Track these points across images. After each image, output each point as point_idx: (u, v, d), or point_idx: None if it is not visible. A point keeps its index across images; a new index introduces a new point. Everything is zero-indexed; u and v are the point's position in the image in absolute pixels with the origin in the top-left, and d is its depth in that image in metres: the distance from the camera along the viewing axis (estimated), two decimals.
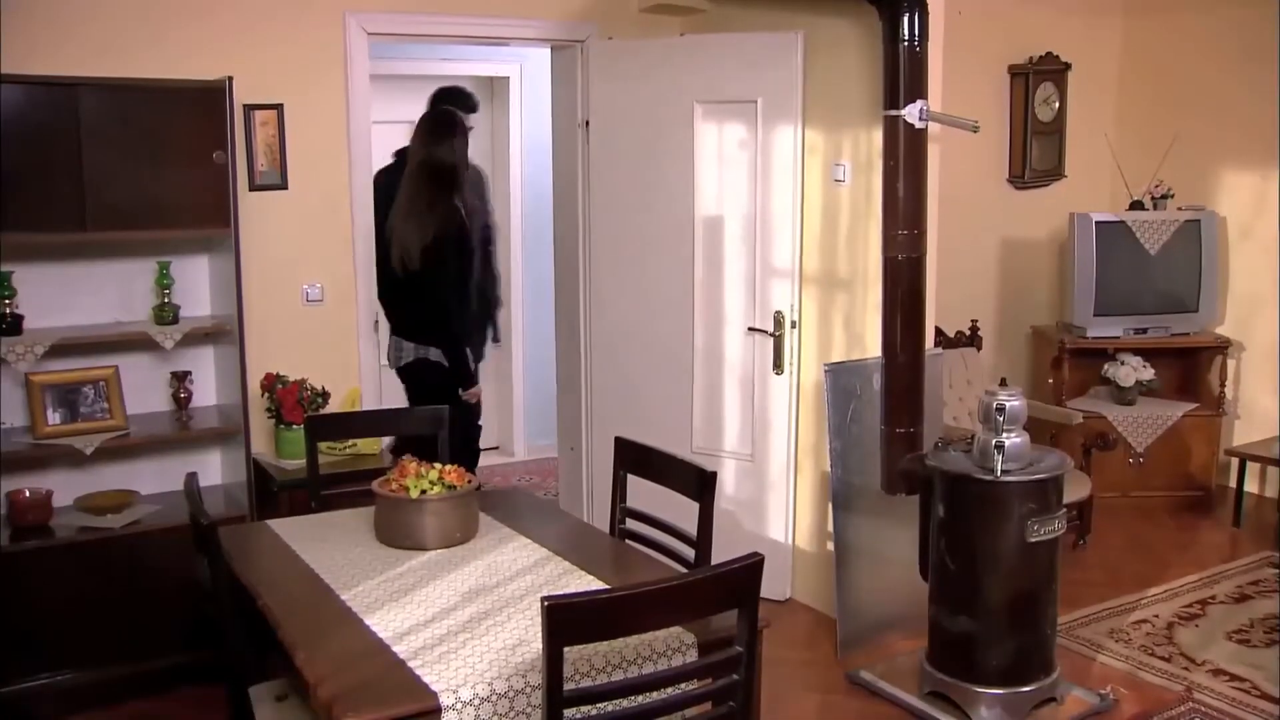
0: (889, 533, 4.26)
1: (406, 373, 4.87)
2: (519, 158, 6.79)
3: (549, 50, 5.18)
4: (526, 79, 6.67)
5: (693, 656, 2.47)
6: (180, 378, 4.26)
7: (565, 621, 2.08)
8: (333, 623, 2.59)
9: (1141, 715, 3.85)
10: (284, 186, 4.43)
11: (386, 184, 4.76)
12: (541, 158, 5.83)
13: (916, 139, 3.88)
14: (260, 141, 4.36)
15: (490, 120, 6.89)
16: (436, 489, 3.02)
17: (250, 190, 4.34)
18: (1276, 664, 4.14)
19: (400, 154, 4.90)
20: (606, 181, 4.85)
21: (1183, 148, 6.17)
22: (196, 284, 4.29)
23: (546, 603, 2.06)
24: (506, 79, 6.76)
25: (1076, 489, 5.12)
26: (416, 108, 6.63)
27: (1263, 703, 3.92)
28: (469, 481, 3.09)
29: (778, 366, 4.56)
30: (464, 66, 6.60)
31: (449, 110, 4.85)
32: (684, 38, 4.91)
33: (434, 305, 4.64)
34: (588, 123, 4.92)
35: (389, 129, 6.44)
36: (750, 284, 4.60)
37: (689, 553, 3.13)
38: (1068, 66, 6.30)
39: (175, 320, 4.10)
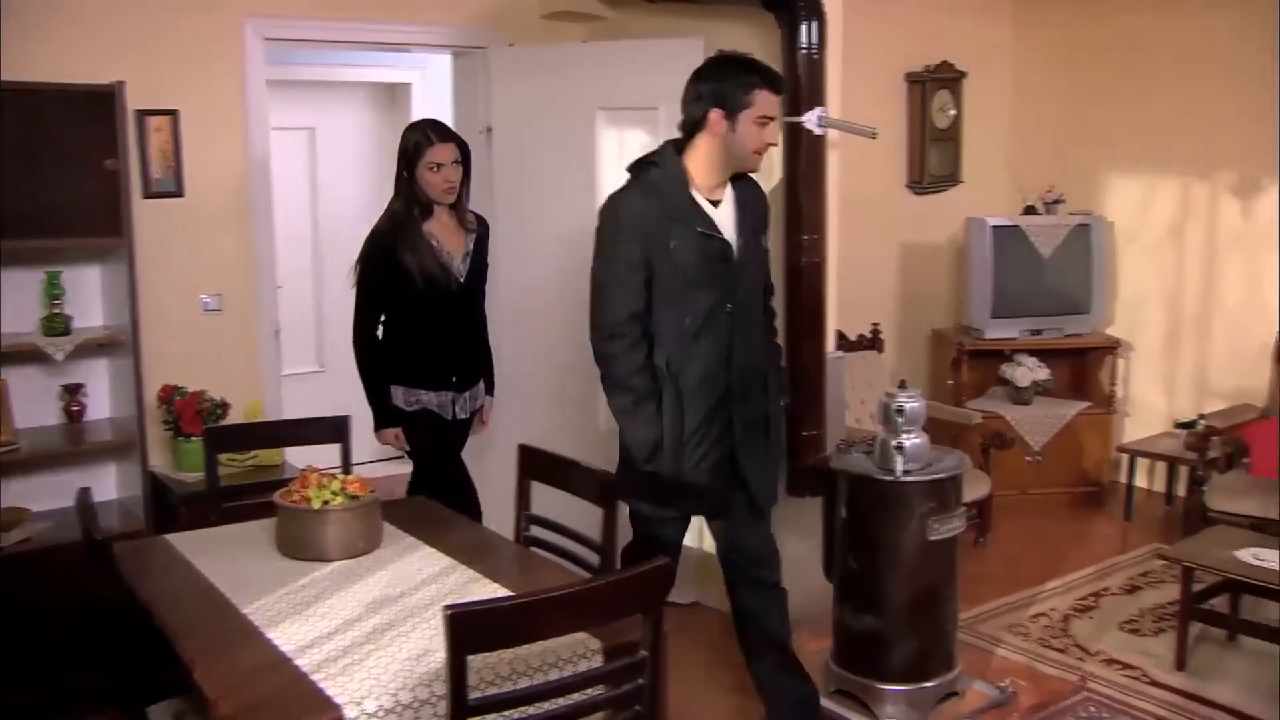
0: (794, 534, 4.30)
1: None
2: None
3: (450, 57, 5.16)
4: (428, 85, 6.63)
5: (598, 662, 2.47)
6: (72, 390, 4.15)
7: (468, 630, 2.08)
8: (233, 637, 2.55)
9: (1039, 706, 3.95)
10: (179, 194, 4.35)
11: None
12: None
13: (816, 145, 3.95)
14: (154, 148, 4.27)
15: (392, 127, 6.84)
16: (339, 499, 2.99)
17: (144, 198, 4.26)
18: (1164, 651, 4.28)
19: (635, 166, 3.39)
20: (509, 188, 4.84)
21: (1073, 154, 6.36)
22: (89, 294, 4.19)
23: (449, 611, 2.06)
24: (408, 85, 6.71)
25: (976, 487, 5.25)
26: (317, 114, 6.60)
27: (1152, 689, 4.05)
28: (371, 491, 3.07)
29: None
30: (365, 73, 6.56)
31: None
32: (586, 44, 4.93)
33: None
34: (490, 129, 4.91)
35: (290, 135, 6.38)
36: None
37: (595, 559, 3.14)
38: (963, 75, 6.45)
39: (67, 331, 4.00)
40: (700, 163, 3.24)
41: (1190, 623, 4.24)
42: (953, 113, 6.43)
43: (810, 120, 3.91)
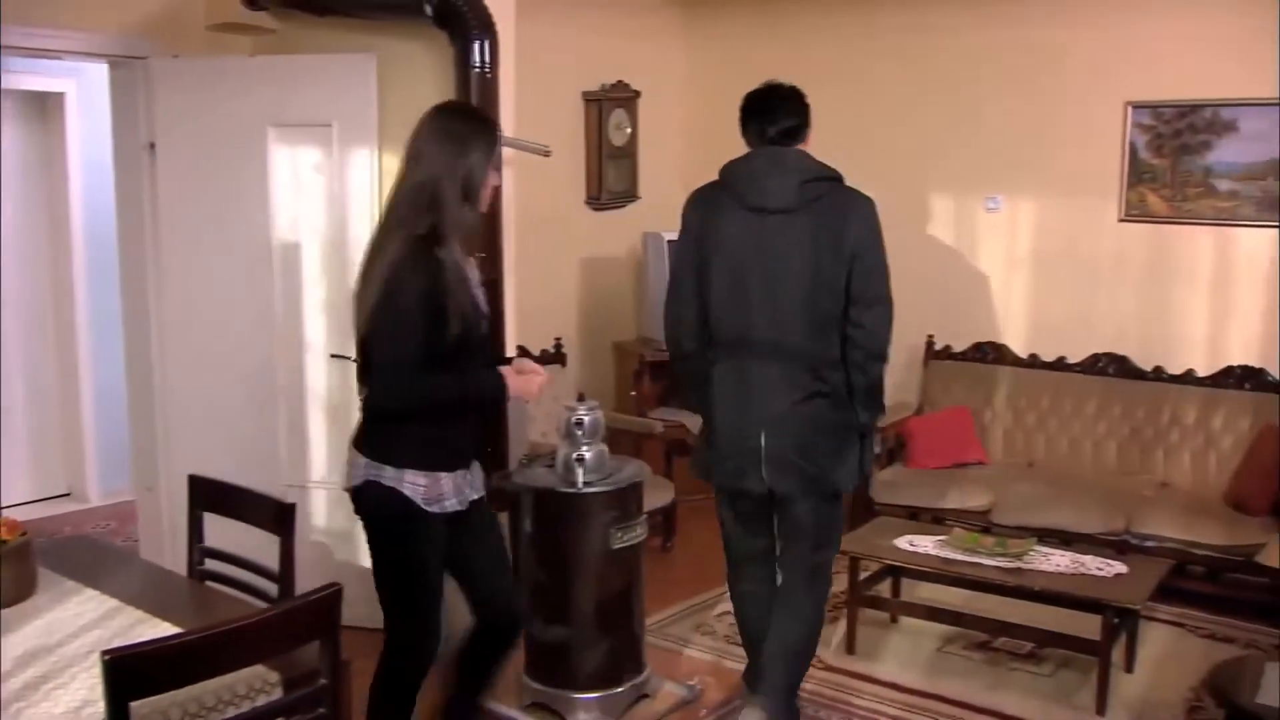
0: None
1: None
2: (80, 181, 6.35)
3: (107, 66, 4.88)
4: (86, 95, 6.24)
5: (279, 695, 2.41)
6: None
7: (129, 674, 1.99)
8: None
9: (725, 700, 4.14)
10: None
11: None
12: (106, 181, 5.46)
13: None
14: None
15: (41, 140, 6.40)
16: None
17: None
18: (837, 638, 4.59)
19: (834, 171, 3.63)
20: (176, 208, 4.63)
21: None
22: None
23: (107, 656, 1.96)
24: (62, 95, 6.30)
25: (660, 495, 5.46)
26: None
27: (826, 674, 4.35)
28: (23, 534, 2.87)
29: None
30: (9, 79, 6.09)
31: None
32: (255, 58, 4.78)
33: None
34: (153, 145, 4.68)
35: None
36: (331, 310, 4.54)
37: (274, 588, 3.07)
38: (638, 94, 6.68)
39: None
40: None
41: (858, 609, 4.57)
42: (629, 130, 6.65)
43: None
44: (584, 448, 3.74)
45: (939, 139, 6.27)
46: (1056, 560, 4.32)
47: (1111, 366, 5.85)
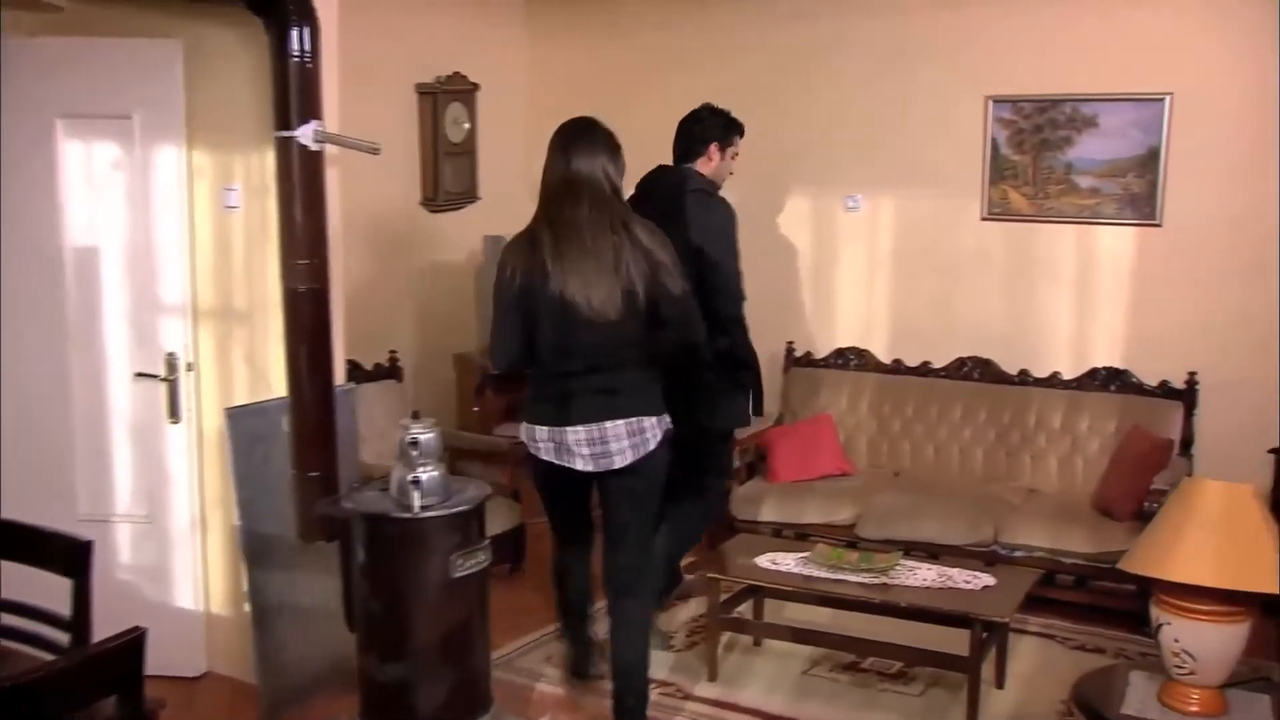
0: (311, 584, 4.20)
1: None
2: None
3: None
4: None
5: None
6: None
7: None
8: None
9: None
10: None
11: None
12: None
13: (312, 161, 3.88)
14: None
15: None
16: None
17: None
18: (698, 664, 4.60)
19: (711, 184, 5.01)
20: None
21: None
22: None
23: None
24: None
25: (506, 517, 5.39)
26: None
27: (687, 703, 4.37)
28: None
29: (174, 414, 4.37)
30: None
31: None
32: (38, 39, 4.56)
33: None
34: None
35: None
36: (135, 324, 4.38)
37: (65, 638, 2.92)
38: (476, 87, 6.61)
39: None
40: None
41: (720, 632, 4.59)
42: (467, 126, 6.58)
43: (304, 134, 3.84)
44: (420, 469, 3.65)
45: (795, 136, 6.36)
46: (923, 574, 4.40)
47: (977, 370, 6.01)
